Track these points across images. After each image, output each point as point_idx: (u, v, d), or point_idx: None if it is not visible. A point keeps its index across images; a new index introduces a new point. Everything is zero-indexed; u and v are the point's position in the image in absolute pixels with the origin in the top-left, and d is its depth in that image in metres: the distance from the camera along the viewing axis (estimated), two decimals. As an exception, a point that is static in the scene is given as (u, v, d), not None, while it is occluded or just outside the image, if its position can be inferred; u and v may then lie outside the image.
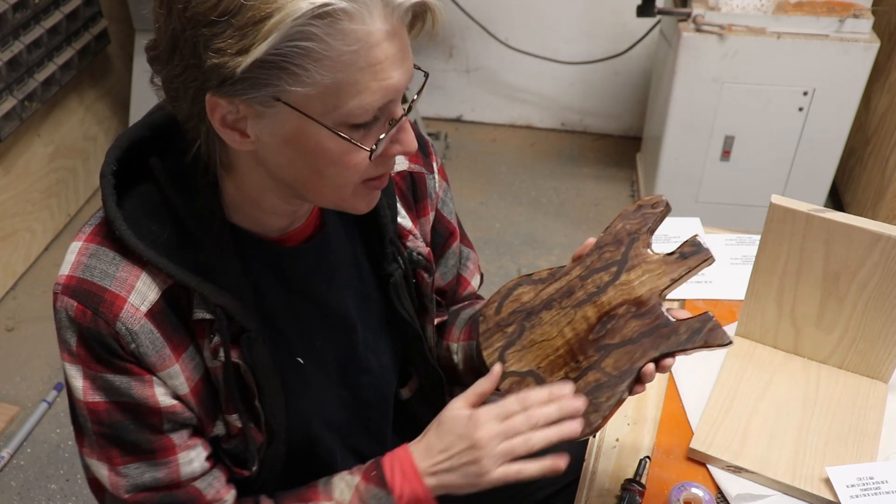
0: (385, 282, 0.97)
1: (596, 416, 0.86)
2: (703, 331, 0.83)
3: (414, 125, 1.03)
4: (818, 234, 1.03)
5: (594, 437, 1.06)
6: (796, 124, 2.30)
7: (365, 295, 0.98)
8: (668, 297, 0.87)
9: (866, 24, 2.15)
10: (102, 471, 0.85)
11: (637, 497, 0.97)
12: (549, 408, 0.85)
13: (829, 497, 0.97)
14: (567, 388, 0.87)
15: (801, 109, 2.27)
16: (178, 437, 0.86)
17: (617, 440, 1.06)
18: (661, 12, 2.25)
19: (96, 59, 2.70)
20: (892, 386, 1.12)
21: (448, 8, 2.90)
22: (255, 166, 0.81)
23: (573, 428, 0.85)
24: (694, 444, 1.03)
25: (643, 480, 0.99)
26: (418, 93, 0.82)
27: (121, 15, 2.76)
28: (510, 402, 0.87)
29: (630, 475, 1.00)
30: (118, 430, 0.83)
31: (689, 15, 2.19)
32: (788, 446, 1.03)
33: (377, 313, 0.97)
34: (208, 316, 0.82)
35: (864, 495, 0.95)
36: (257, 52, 0.67)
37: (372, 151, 0.76)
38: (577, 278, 0.88)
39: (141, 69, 2.57)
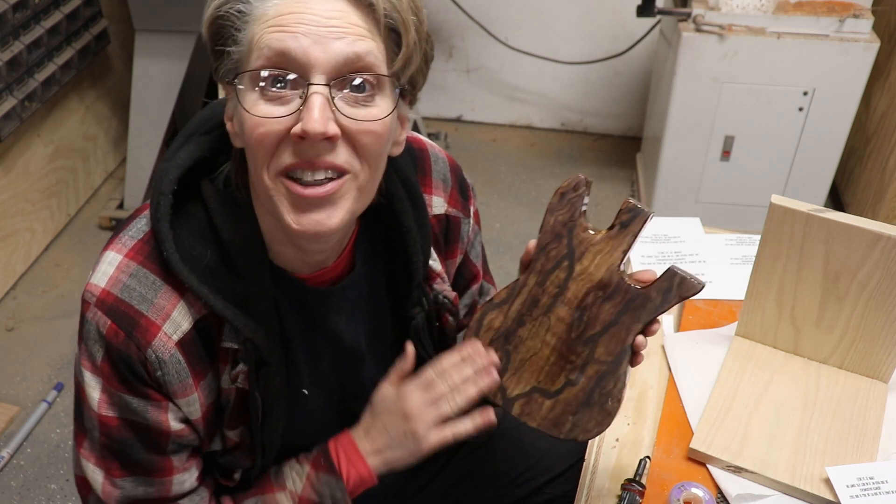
0: (406, 323, 0.97)
1: (612, 404, 0.88)
2: (674, 287, 0.84)
3: (456, 167, 1.02)
4: (818, 234, 1.03)
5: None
6: (796, 124, 2.30)
7: (378, 332, 0.98)
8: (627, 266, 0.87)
9: (866, 24, 2.15)
10: (97, 476, 0.86)
11: (637, 497, 0.97)
12: (464, 369, 0.89)
13: (829, 497, 0.96)
14: (476, 345, 0.90)
15: (801, 109, 2.27)
16: (178, 460, 0.87)
17: (617, 440, 1.06)
18: (661, 12, 2.25)
19: (96, 59, 2.70)
20: (892, 386, 1.12)
21: (448, 8, 2.90)
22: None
23: (490, 379, 0.89)
24: (694, 444, 1.03)
25: (643, 480, 0.99)
26: (349, 83, 0.74)
27: (121, 15, 2.76)
28: (428, 372, 0.90)
29: (630, 475, 1.00)
30: (125, 446, 0.84)
31: (689, 15, 2.19)
32: (788, 446, 1.03)
33: (391, 351, 0.97)
34: (236, 346, 0.83)
35: (864, 495, 0.95)
36: (208, 13, 0.74)
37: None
38: (535, 286, 0.88)
39: (141, 69, 2.56)
